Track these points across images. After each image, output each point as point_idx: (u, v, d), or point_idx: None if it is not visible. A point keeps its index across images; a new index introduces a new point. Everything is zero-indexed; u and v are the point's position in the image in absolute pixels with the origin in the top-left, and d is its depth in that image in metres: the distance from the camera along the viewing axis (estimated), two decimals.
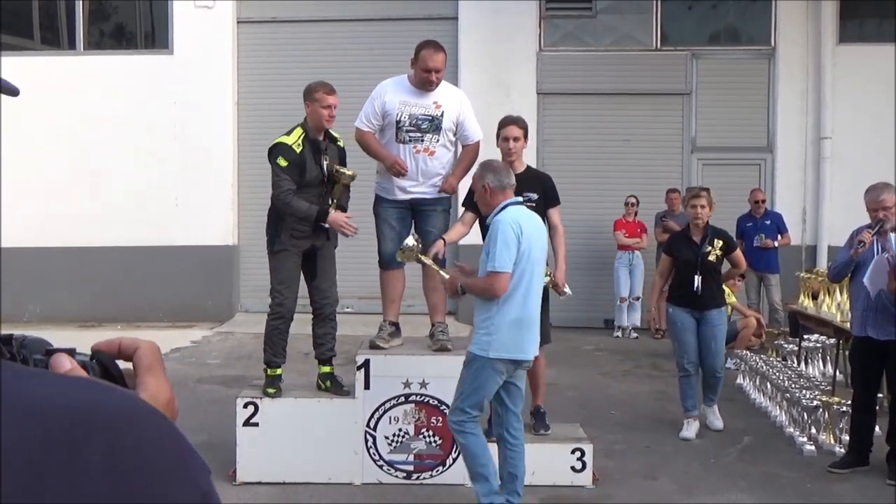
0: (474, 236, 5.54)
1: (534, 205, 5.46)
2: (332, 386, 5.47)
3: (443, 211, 5.50)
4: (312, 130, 5.32)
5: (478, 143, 5.51)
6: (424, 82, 5.27)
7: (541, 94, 11.25)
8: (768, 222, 9.95)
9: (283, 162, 5.19)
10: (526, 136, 5.60)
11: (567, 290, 5.52)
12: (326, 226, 5.28)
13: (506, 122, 5.58)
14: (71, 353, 0.80)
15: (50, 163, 11.13)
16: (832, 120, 10.91)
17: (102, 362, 0.82)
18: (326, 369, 5.55)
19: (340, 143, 5.52)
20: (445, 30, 11.24)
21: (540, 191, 5.52)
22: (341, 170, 5.29)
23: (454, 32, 11.21)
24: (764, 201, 10.07)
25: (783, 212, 10.35)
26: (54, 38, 12.09)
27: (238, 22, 11.51)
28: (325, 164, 5.33)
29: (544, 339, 5.59)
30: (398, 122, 5.31)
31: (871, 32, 11.37)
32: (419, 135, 5.29)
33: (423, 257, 4.96)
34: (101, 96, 11.28)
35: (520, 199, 4.66)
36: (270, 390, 5.39)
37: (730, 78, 11.24)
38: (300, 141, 5.25)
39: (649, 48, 11.33)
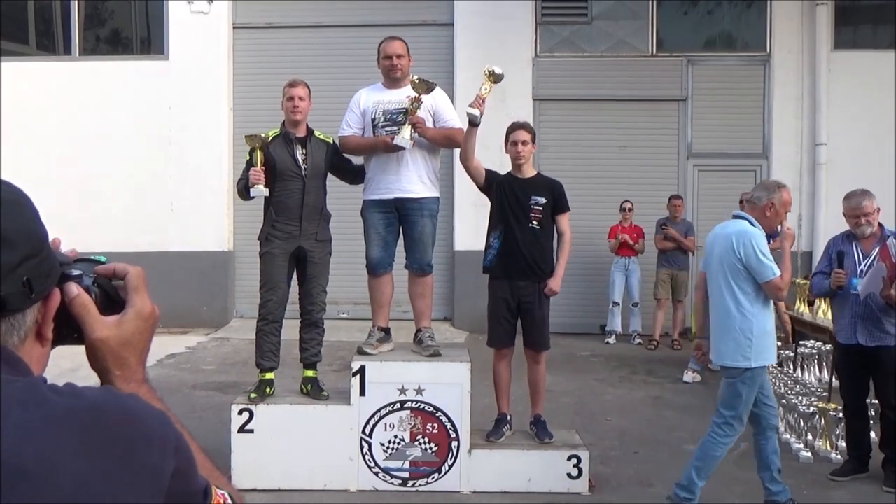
0: (472, 241, 5.52)
1: (541, 209, 5.45)
2: (313, 390, 5.50)
3: (429, 216, 5.49)
4: (287, 126, 5.52)
5: (460, 129, 5.43)
6: (389, 71, 5.37)
7: (536, 100, 11.25)
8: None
9: (248, 157, 5.56)
10: (534, 141, 5.62)
11: None
12: (255, 194, 5.44)
13: (514, 126, 5.61)
14: (79, 279, 1.12)
15: (45, 168, 11.08)
16: (827, 126, 10.93)
17: (102, 286, 1.16)
18: (310, 373, 5.57)
19: (329, 140, 5.61)
20: (441, 35, 11.27)
21: (549, 196, 5.50)
22: (248, 135, 5.50)
23: (450, 38, 11.22)
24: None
25: None
26: (50, 43, 12.07)
27: (234, 27, 11.51)
28: (299, 156, 5.41)
29: (542, 345, 5.58)
30: (373, 119, 5.40)
31: (865, 39, 11.40)
32: (395, 127, 5.32)
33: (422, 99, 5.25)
34: (96, 102, 11.26)
35: (739, 213, 5.11)
36: (253, 394, 5.40)
37: (725, 84, 11.26)
38: (270, 137, 5.47)
39: (645, 54, 11.34)
